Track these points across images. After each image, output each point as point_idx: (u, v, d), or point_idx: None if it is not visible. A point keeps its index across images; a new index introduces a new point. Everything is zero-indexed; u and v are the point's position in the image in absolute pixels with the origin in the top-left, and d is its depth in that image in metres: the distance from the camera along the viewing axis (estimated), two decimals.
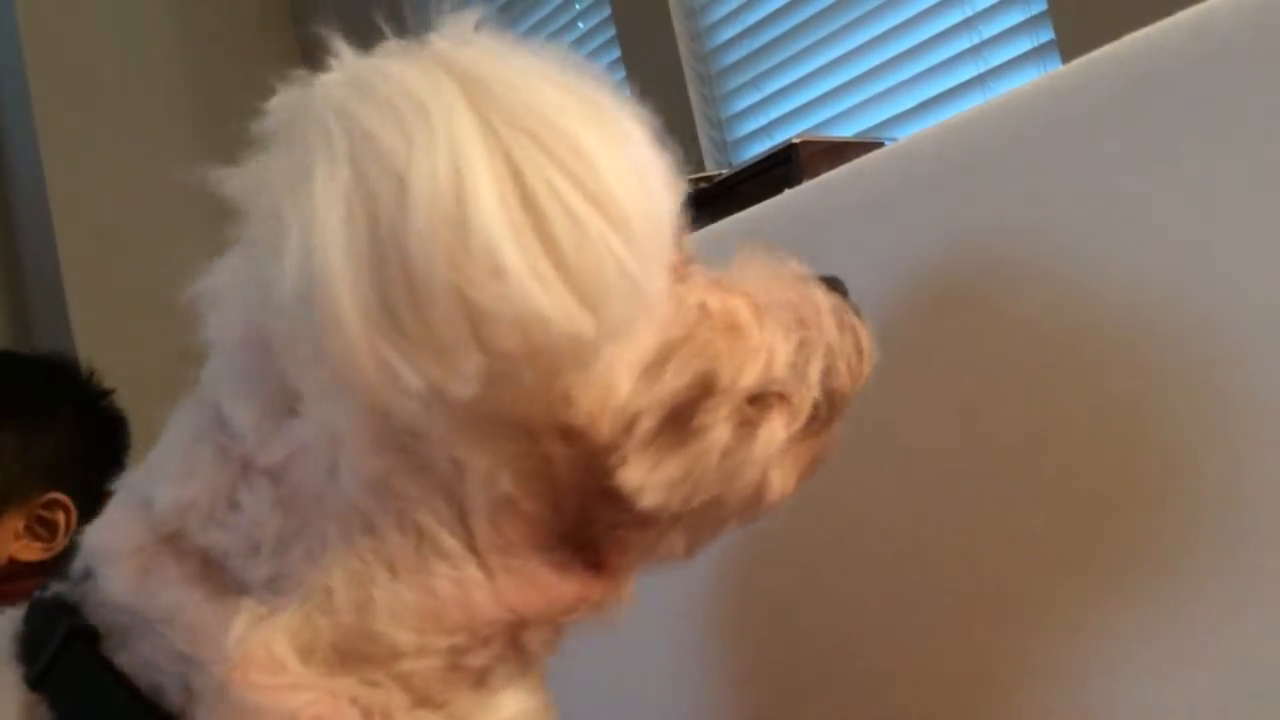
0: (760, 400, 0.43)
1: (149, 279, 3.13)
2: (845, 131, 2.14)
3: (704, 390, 0.42)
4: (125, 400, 1.27)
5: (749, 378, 0.43)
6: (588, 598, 0.43)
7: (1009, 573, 0.55)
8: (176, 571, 0.42)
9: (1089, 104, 0.51)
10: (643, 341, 0.41)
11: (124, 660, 0.42)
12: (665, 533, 0.44)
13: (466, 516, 0.41)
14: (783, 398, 0.44)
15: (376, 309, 0.35)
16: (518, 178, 0.36)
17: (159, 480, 0.44)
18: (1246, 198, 0.47)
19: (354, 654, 0.41)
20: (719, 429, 0.42)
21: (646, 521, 0.43)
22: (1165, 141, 0.49)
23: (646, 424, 0.41)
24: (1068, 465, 0.53)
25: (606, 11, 2.58)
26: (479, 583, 0.41)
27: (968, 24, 1.96)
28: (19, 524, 1.13)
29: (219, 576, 0.42)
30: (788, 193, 0.61)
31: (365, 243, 0.35)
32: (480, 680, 0.43)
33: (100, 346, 1.91)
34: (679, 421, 0.42)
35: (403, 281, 0.35)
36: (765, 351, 0.43)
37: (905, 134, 0.61)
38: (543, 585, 0.42)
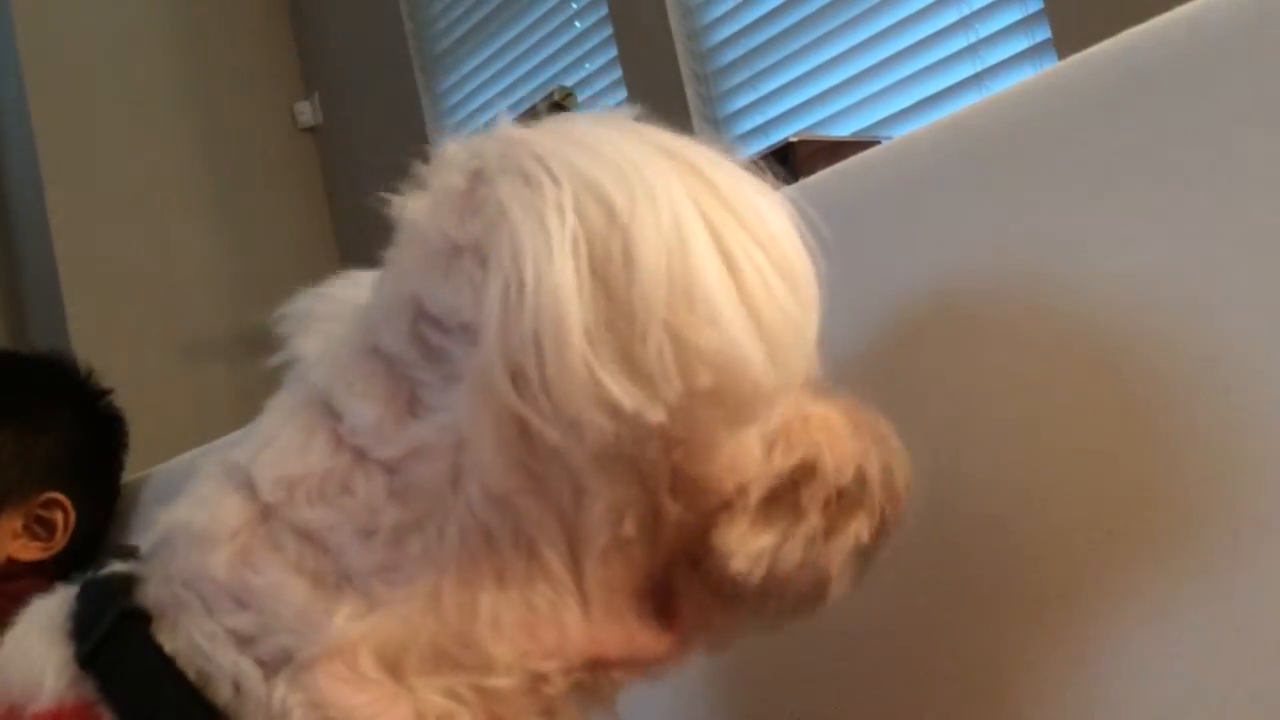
0: (846, 502, 0.47)
1: (145, 278, 3.13)
2: (842, 130, 2.14)
3: (806, 476, 0.46)
4: (122, 399, 1.27)
5: (846, 476, 0.47)
6: (658, 653, 0.46)
7: (1007, 567, 0.55)
8: (278, 557, 0.43)
9: (1085, 100, 0.52)
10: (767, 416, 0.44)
11: (172, 646, 0.43)
12: (735, 605, 0.47)
13: (578, 547, 0.43)
14: (863, 503, 0.47)
15: (598, 335, 0.39)
16: (719, 239, 0.41)
17: (263, 461, 0.45)
18: (1244, 194, 0.48)
19: (449, 659, 0.42)
20: (814, 515, 0.46)
21: (723, 588, 0.46)
22: (1162, 138, 0.50)
23: (755, 493, 0.44)
24: (1064, 462, 0.53)
25: (604, 10, 2.58)
26: (575, 612, 0.43)
27: (964, 23, 1.96)
28: (17, 524, 1.13)
29: (321, 561, 0.43)
30: (783, 190, 0.61)
31: (589, 280, 0.39)
32: (548, 710, 0.44)
33: (97, 346, 1.91)
34: (779, 499, 0.45)
35: (624, 316, 0.39)
36: (859, 456, 0.47)
37: (902, 133, 0.61)
38: (628, 630, 0.44)
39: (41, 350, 1.30)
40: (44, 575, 1.13)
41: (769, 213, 0.42)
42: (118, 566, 0.47)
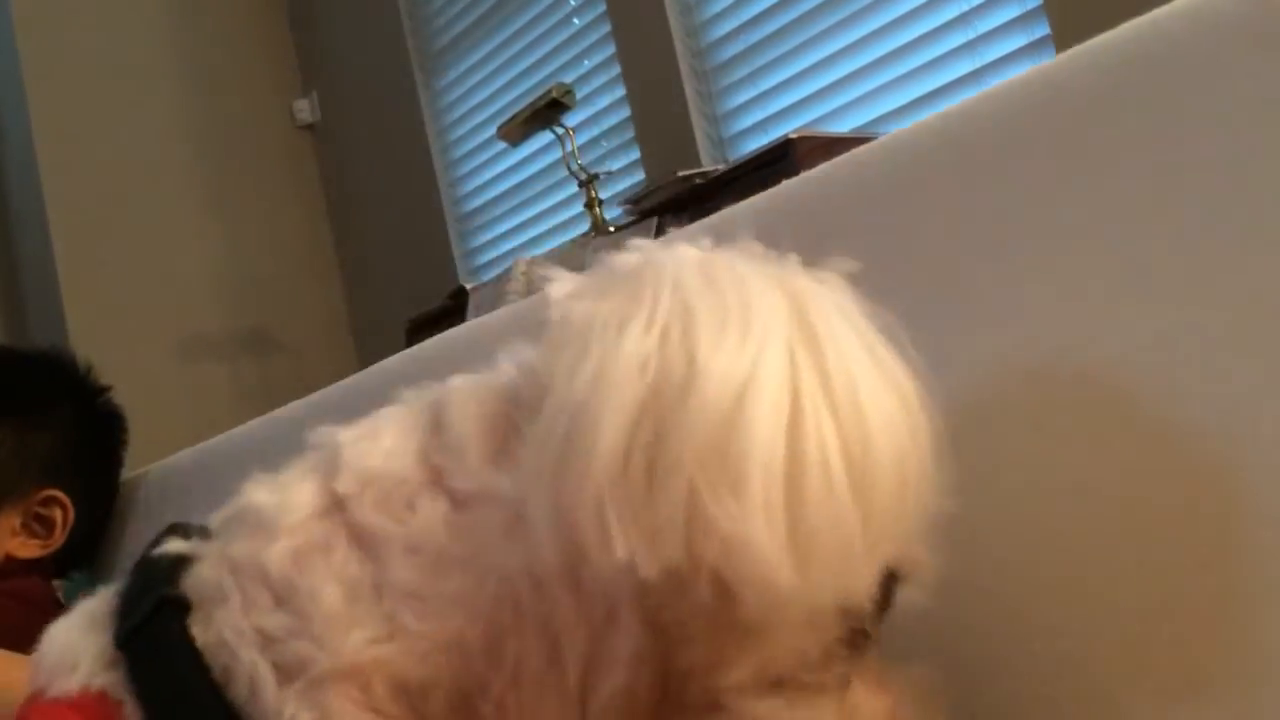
0: None
1: (143, 275, 3.13)
2: (841, 127, 2.14)
3: None
4: (120, 396, 1.27)
5: None
6: None
7: (1015, 562, 0.55)
8: (325, 560, 0.42)
9: (1083, 94, 0.51)
10: (788, 642, 0.39)
11: (204, 639, 0.42)
12: None
13: (595, 672, 0.40)
14: None
15: (619, 465, 0.36)
16: (796, 414, 0.36)
17: (359, 448, 0.44)
18: (1245, 186, 0.47)
19: (472, 709, 0.41)
20: None
21: None
22: (1162, 131, 0.49)
23: (727, 703, 0.40)
24: (1066, 453, 0.53)
25: (601, 7, 2.58)
26: None
27: (963, 19, 1.96)
28: (16, 521, 1.13)
29: (363, 569, 0.42)
30: (784, 183, 0.60)
31: (639, 403, 0.36)
32: None
33: (95, 343, 1.91)
34: None
35: (652, 452, 0.36)
36: None
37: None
38: None
39: (41, 347, 1.30)
40: (42, 573, 1.12)
41: (877, 407, 0.38)
42: (173, 545, 0.46)
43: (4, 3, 2.96)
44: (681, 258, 0.40)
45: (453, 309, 2.11)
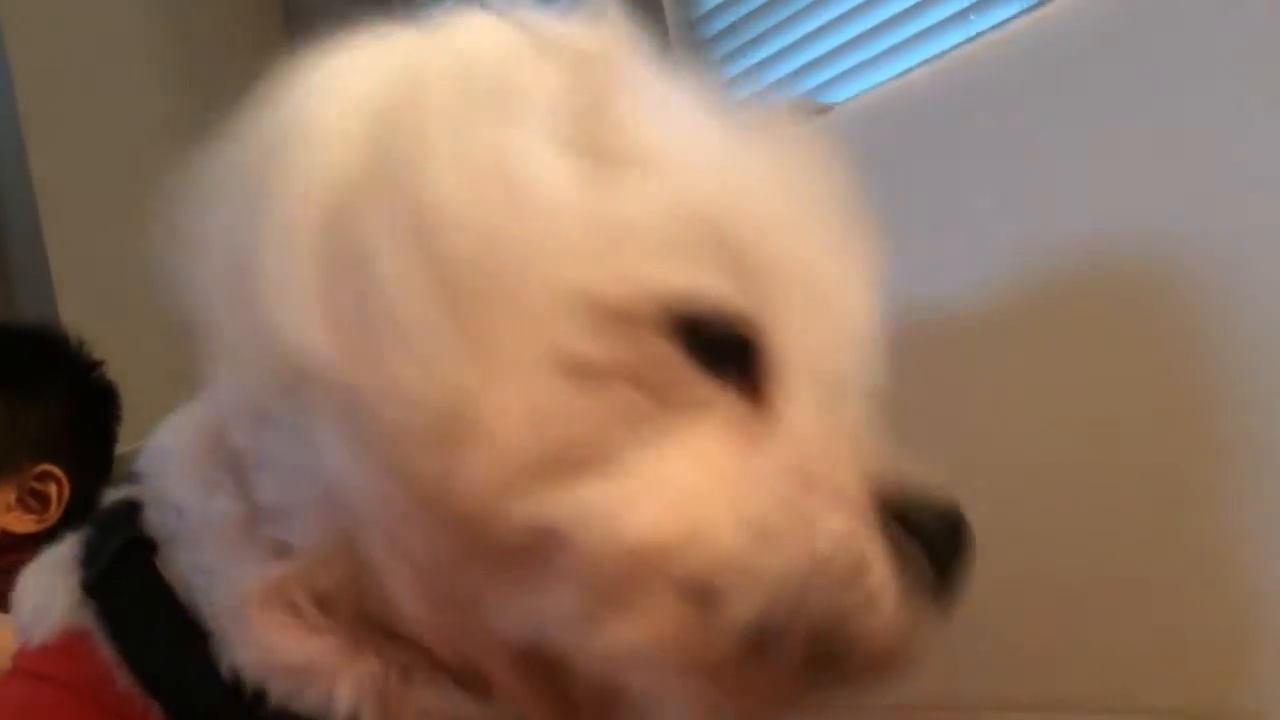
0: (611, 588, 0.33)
1: (134, 252, 3.10)
2: (836, 98, 2.13)
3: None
4: (113, 372, 1.26)
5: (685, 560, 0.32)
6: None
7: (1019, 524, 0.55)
8: (222, 490, 0.41)
9: (1085, 35, 0.51)
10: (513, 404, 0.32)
11: (168, 575, 0.42)
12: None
13: (418, 549, 0.36)
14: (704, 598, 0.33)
15: (220, 246, 0.35)
16: (349, 143, 0.32)
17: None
18: (1243, 129, 0.47)
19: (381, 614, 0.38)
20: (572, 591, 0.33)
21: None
22: (1161, 73, 0.49)
23: (523, 507, 0.33)
24: (1070, 403, 0.53)
25: None
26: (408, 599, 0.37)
27: None
28: (10, 496, 1.13)
29: (245, 492, 0.40)
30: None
31: (254, 156, 0.36)
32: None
33: (86, 317, 1.91)
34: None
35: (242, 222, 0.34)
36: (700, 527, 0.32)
37: None
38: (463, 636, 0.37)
39: (32, 321, 1.30)
40: (38, 548, 1.12)
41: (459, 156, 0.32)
42: (126, 492, 0.46)
43: None
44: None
45: None
